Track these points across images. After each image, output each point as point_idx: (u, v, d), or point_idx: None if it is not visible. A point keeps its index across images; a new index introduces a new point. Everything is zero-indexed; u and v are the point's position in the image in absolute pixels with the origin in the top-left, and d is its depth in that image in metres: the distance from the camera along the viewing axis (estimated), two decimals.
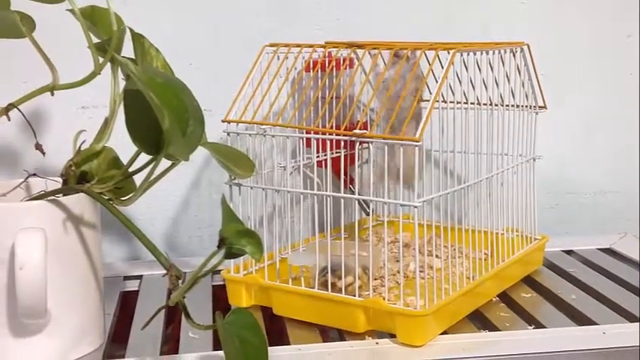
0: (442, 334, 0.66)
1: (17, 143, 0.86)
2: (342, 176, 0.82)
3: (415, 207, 0.63)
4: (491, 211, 0.75)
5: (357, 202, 0.84)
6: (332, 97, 0.74)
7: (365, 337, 0.65)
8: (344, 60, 0.79)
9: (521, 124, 0.79)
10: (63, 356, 0.61)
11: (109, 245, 0.89)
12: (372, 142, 0.65)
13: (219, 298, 0.76)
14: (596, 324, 0.68)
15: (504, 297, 0.75)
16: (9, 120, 0.62)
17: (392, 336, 0.64)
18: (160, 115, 0.51)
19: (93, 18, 0.64)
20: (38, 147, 0.63)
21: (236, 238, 0.48)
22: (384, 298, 0.66)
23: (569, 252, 0.89)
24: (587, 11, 0.96)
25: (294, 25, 0.90)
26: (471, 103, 0.74)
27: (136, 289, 0.80)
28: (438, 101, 0.64)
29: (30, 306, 0.57)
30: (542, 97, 0.80)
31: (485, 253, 0.77)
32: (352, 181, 0.88)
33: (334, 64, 0.75)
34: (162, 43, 0.67)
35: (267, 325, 0.69)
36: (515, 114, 0.78)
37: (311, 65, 0.76)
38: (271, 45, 0.75)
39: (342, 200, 0.76)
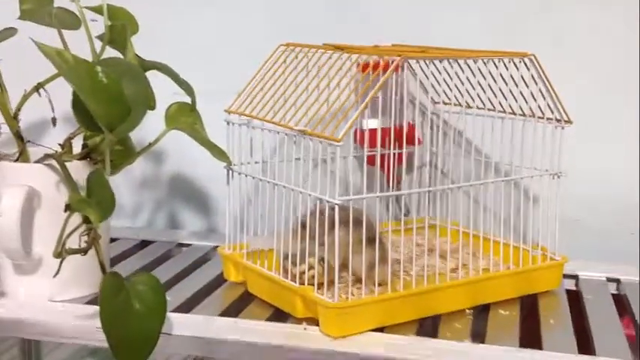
0: (378, 331, 0.67)
1: None
2: (389, 175, 0.85)
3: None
4: (511, 222, 0.77)
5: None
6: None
7: (303, 322, 0.69)
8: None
9: (545, 137, 0.77)
10: (52, 296, 0.73)
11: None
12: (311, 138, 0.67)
13: None
14: (542, 349, 0.65)
15: (482, 310, 0.73)
16: (39, 96, 0.75)
17: None
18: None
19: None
20: (53, 121, 0.75)
21: (79, 205, 0.56)
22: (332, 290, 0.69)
23: (614, 280, 0.83)
24: None
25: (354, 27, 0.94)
26: (493, 110, 0.75)
27: None
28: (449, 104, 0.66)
29: (8, 248, 0.70)
30: (565, 111, 0.76)
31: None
32: (399, 180, 0.90)
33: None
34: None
35: (238, 300, 0.75)
36: (539, 127, 0.76)
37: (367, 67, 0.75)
38: (287, 45, 0.79)
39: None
